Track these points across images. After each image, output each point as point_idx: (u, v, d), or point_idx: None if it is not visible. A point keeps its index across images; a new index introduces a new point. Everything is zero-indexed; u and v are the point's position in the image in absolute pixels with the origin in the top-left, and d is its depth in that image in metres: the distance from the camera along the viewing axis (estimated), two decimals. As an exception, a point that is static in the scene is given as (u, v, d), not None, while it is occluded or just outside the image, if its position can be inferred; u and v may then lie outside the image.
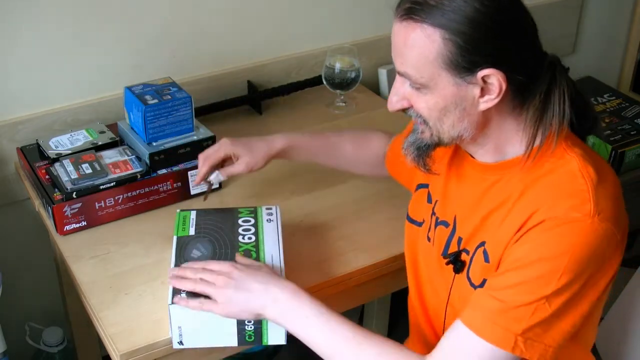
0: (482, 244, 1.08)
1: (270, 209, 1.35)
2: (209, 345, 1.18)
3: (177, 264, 1.20)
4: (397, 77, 1.05)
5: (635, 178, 1.76)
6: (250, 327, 1.16)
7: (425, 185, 1.24)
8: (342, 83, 1.81)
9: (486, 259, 1.07)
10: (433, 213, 1.20)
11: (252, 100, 1.86)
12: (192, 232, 1.27)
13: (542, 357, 1.00)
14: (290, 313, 1.11)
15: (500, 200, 1.06)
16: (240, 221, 1.30)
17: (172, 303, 1.13)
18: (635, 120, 1.82)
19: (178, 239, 1.25)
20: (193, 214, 1.31)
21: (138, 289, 1.29)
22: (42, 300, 1.84)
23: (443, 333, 1.17)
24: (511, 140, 1.06)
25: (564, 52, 2.40)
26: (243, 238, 1.26)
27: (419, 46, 0.98)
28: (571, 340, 1.06)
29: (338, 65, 1.80)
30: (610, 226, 0.98)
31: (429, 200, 1.22)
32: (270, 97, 1.87)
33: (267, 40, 1.89)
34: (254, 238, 1.27)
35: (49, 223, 1.45)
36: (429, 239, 1.21)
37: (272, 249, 1.25)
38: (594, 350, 1.49)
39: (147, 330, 1.21)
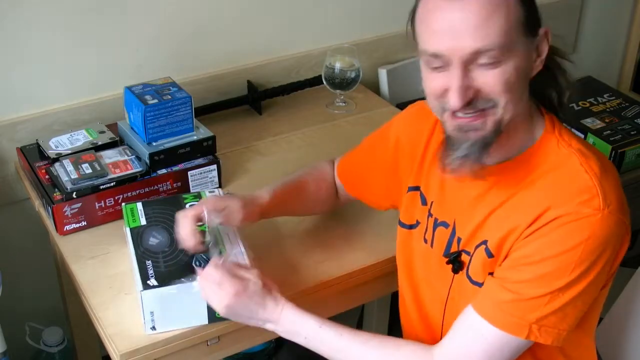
0: (484, 242, 1.08)
1: (213, 192, 1.37)
2: (181, 327, 1.20)
3: (137, 252, 1.22)
4: (457, 68, 0.96)
5: (635, 178, 1.76)
6: None
7: (416, 188, 1.22)
8: (342, 83, 1.81)
9: (489, 255, 1.07)
10: (430, 215, 1.19)
11: (252, 100, 1.86)
12: (143, 222, 1.28)
13: (555, 341, 1.02)
14: (292, 332, 1.15)
15: (501, 200, 1.06)
16: (187, 206, 1.31)
17: (144, 289, 1.14)
18: (635, 120, 1.82)
19: (131, 230, 1.27)
20: (139, 205, 1.33)
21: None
22: (42, 300, 1.84)
23: (441, 332, 1.18)
24: (518, 135, 1.05)
25: (564, 52, 2.40)
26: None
27: (502, 11, 0.95)
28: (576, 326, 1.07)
29: (338, 65, 1.80)
30: (620, 216, 1.01)
31: (423, 202, 1.21)
32: (270, 97, 1.87)
33: (267, 40, 1.89)
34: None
35: (49, 223, 1.44)
36: (425, 241, 1.20)
37: (226, 228, 1.27)
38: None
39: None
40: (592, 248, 0.99)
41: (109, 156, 1.49)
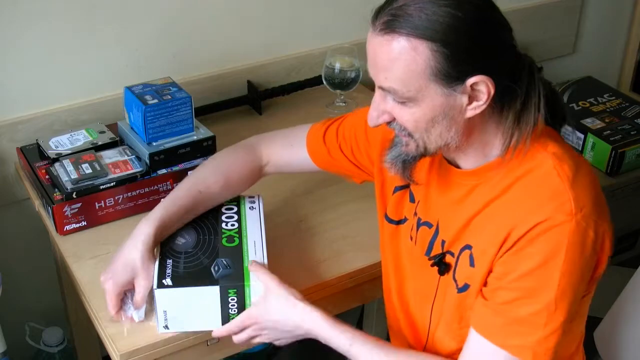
0: (468, 247, 1.08)
1: (253, 197, 1.37)
2: (194, 329, 1.20)
3: (163, 251, 1.22)
4: (377, 92, 1.02)
5: (635, 178, 1.76)
6: (234, 310, 1.18)
7: (406, 186, 1.22)
8: (342, 83, 1.81)
9: (471, 264, 1.07)
10: (415, 213, 1.19)
11: (252, 100, 1.86)
12: None
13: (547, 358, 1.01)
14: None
15: (483, 204, 1.06)
16: (223, 209, 1.32)
17: (157, 287, 1.15)
18: (635, 120, 1.82)
19: None
20: None
21: (138, 289, 1.29)
22: (42, 300, 1.84)
23: (428, 333, 1.19)
24: (491, 144, 1.05)
25: (564, 52, 2.40)
26: (226, 225, 1.28)
27: (406, 59, 0.95)
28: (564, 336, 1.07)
29: (338, 65, 1.80)
30: (595, 219, 0.99)
31: (412, 199, 1.20)
32: (270, 97, 1.87)
33: (267, 40, 1.89)
34: (237, 225, 1.29)
35: (49, 223, 1.44)
36: (411, 238, 1.20)
37: (255, 235, 1.27)
38: (594, 350, 1.49)
39: (147, 330, 1.21)
40: (574, 256, 0.97)
41: (109, 156, 1.49)
